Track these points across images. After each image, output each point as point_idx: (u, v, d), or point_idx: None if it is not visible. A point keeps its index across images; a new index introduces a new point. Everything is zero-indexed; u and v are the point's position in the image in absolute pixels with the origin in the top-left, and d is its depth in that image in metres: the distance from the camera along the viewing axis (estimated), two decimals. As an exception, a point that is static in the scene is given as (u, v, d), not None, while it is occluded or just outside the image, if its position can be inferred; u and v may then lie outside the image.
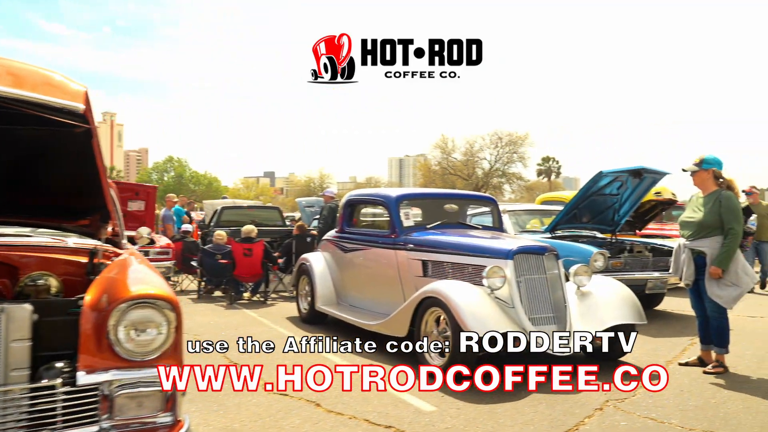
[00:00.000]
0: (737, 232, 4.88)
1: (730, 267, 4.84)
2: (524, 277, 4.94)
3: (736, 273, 4.85)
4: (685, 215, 5.22)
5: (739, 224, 4.91)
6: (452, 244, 5.57)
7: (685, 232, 5.15)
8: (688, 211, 5.22)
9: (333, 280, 7.13)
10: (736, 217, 4.91)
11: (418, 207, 6.68)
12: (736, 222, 4.89)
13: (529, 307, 4.87)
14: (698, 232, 5.01)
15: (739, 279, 4.85)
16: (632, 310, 5.13)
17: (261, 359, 5.08)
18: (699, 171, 5.08)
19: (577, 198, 8.25)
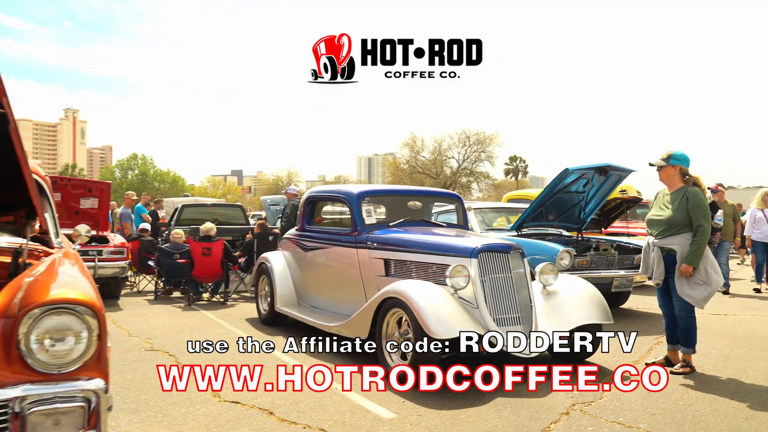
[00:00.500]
0: (706, 229, 4.79)
1: (699, 265, 4.74)
2: (489, 276, 4.77)
3: (705, 271, 4.76)
4: (652, 213, 5.11)
5: (707, 221, 4.82)
6: (415, 242, 5.37)
7: (653, 230, 5.05)
8: (654, 209, 5.11)
9: (293, 280, 6.88)
10: (705, 213, 4.82)
11: (381, 204, 6.47)
12: (705, 219, 4.80)
13: (494, 307, 4.70)
14: (667, 230, 4.91)
15: (709, 277, 4.76)
16: (599, 310, 5.00)
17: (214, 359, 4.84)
18: (666, 166, 4.98)
19: (543, 196, 8.14)
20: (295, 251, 6.87)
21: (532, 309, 4.86)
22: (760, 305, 8.61)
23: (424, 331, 4.29)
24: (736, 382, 4.67)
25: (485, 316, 4.64)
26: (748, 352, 5.72)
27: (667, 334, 5.22)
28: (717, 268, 4.89)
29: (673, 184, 5.01)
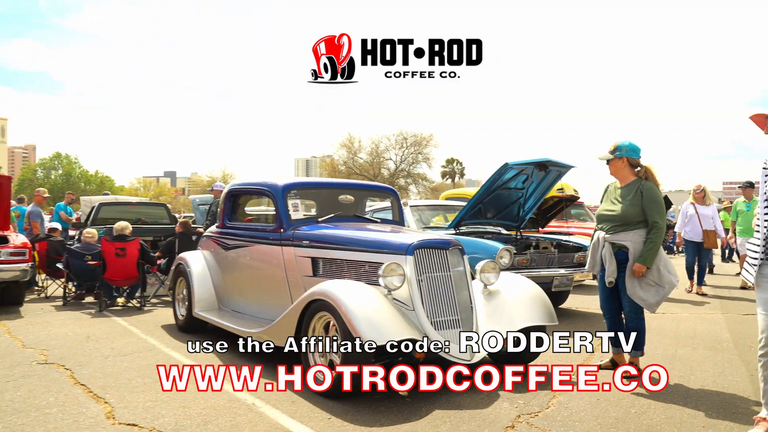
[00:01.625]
0: (661, 226, 4.49)
1: (653, 264, 4.46)
2: (426, 275, 4.33)
3: (658, 271, 4.47)
4: (603, 207, 4.78)
5: (663, 218, 4.53)
6: (345, 238, 4.87)
7: (604, 225, 4.71)
8: (606, 203, 4.78)
9: (213, 282, 6.27)
10: (660, 210, 4.53)
11: (309, 198, 5.95)
12: (660, 215, 4.51)
13: (431, 308, 4.26)
14: (619, 225, 4.59)
15: (662, 278, 4.47)
16: (543, 310, 4.64)
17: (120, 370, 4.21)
18: (613, 159, 4.66)
19: (481, 192, 7.80)
20: (216, 251, 6.26)
21: (472, 310, 4.45)
22: (695, 304, 8.55)
23: (354, 337, 3.81)
24: (686, 387, 4.39)
25: (422, 318, 4.19)
26: (692, 352, 5.50)
27: (609, 337, 4.91)
28: (671, 267, 4.60)
29: (624, 177, 4.70)
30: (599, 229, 4.77)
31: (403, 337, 3.88)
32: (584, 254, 7.85)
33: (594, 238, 4.82)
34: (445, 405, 3.88)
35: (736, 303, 8.70)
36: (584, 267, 7.45)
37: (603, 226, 4.71)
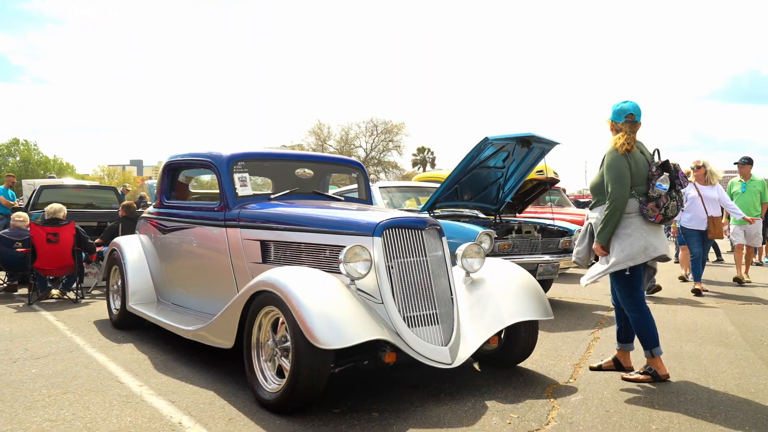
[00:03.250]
0: (615, 197, 3.81)
1: (613, 243, 3.88)
2: (397, 260, 3.55)
3: (612, 248, 3.90)
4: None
5: (619, 186, 3.80)
6: (300, 217, 4.07)
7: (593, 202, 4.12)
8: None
9: (151, 271, 5.41)
10: (614, 176, 3.83)
11: (263, 174, 5.12)
12: (614, 183, 3.82)
13: (403, 301, 3.49)
14: (594, 200, 4.08)
15: (611, 256, 3.89)
16: (537, 303, 3.91)
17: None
18: (608, 121, 4.07)
19: (458, 170, 7.04)
20: (154, 234, 5.40)
21: (453, 303, 3.69)
22: (686, 293, 7.94)
23: (307, 339, 3.02)
24: (706, 392, 3.70)
25: (392, 313, 3.42)
26: (699, 348, 4.84)
27: (617, 329, 4.23)
28: (628, 246, 3.83)
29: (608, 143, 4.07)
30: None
31: (369, 338, 3.11)
32: (570, 239, 7.18)
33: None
34: (420, 421, 3.12)
35: (727, 292, 8.12)
36: (570, 253, 6.76)
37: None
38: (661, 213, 3.83)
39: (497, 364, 4.17)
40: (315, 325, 3.03)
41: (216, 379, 3.91)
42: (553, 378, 3.95)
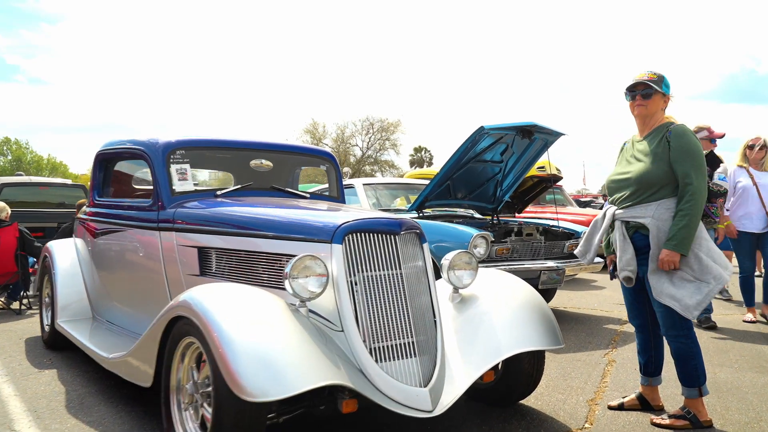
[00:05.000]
0: (700, 189, 2.96)
1: (689, 250, 2.95)
2: (363, 274, 2.72)
3: (698, 258, 2.96)
4: (615, 171, 3.27)
5: (701, 176, 2.98)
6: (243, 219, 3.23)
7: (616, 197, 3.21)
8: (621, 164, 3.27)
9: (85, 281, 4.58)
10: (696, 163, 2.99)
11: (210, 165, 4.29)
12: (697, 172, 2.97)
13: (370, 328, 2.66)
14: (636, 194, 3.08)
15: (704, 268, 2.96)
16: (544, 327, 3.07)
17: None
18: (657, 93, 3.13)
19: (450, 164, 6.21)
20: (89, 238, 4.56)
21: (436, 328, 2.87)
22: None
23: (228, 383, 2.20)
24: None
25: (355, 344, 2.60)
26: (737, 375, 4.03)
27: (640, 360, 3.40)
28: (718, 255, 3.06)
29: (652, 122, 3.18)
30: (611, 204, 3.27)
31: (317, 384, 2.28)
32: (577, 242, 6.36)
33: (600, 214, 3.33)
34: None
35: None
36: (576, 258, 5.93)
37: (615, 197, 3.22)
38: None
39: (494, 401, 3.35)
40: (242, 368, 2.20)
41: (138, 424, 3.08)
42: (564, 421, 3.14)
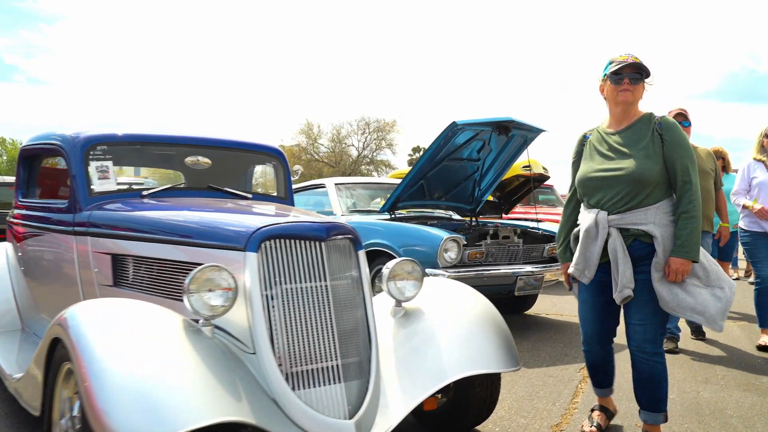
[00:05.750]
0: (697, 186, 2.65)
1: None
2: (281, 287, 2.34)
3: (702, 265, 2.64)
4: (592, 167, 2.82)
5: (696, 172, 2.68)
6: (159, 223, 2.86)
7: (598, 198, 2.78)
8: (594, 160, 2.84)
9: (14, 289, 4.19)
10: (692, 158, 2.69)
11: (140, 162, 3.91)
12: (693, 168, 2.67)
13: (288, 350, 2.29)
14: (630, 196, 2.68)
15: (711, 274, 2.64)
16: (499, 346, 2.68)
17: None
18: (642, 80, 2.76)
19: (423, 162, 5.85)
20: (15, 242, 4.19)
21: (371, 348, 2.49)
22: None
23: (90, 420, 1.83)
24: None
25: (268, 369, 2.23)
26: (722, 395, 3.65)
27: (592, 374, 3.08)
28: (712, 263, 2.73)
29: (633, 111, 2.80)
30: (591, 207, 2.81)
31: (214, 419, 1.91)
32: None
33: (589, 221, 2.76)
34: None
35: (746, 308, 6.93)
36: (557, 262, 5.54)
37: (598, 199, 2.78)
38: None
39: (444, 428, 2.97)
40: (111, 403, 1.82)
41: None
42: (522, 452, 2.76)
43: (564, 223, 3.01)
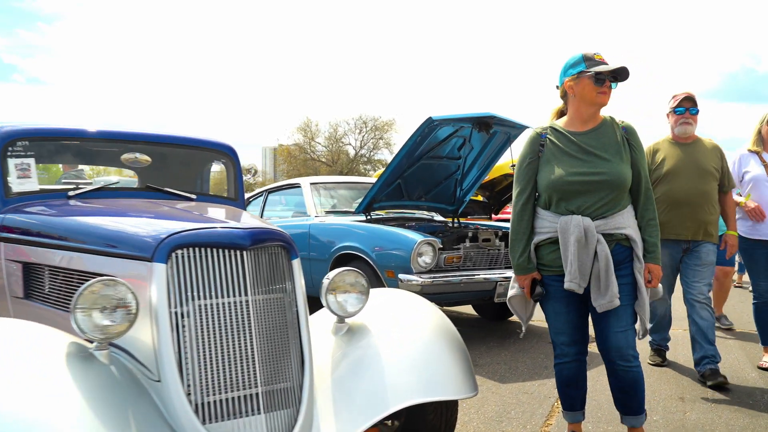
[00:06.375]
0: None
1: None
2: (195, 303, 2.02)
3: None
4: (570, 170, 2.56)
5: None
6: (72, 228, 2.53)
7: (582, 203, 2.55)
8: (565, 162, 2.58)
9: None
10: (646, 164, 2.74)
11: (70, 160, 3.59)
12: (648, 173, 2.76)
13: (200, 376, 1.97)
14: (613, 200, 2.57)
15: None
16: (454, 369, 2.35)
17: None
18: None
19: (399, 159, 5.51)
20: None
21: (304, 373, 2.17)
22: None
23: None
24: None
25: (175, 399, 1.91)
26: (712, 416, 3.32)
27: (573, 393, 2.79)
28: None
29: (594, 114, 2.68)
30: (569, 212, 2.55)
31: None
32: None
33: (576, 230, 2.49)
34: None
35: (743, 318, 6.61)
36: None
37: (580, 204, 2.55)
38: None
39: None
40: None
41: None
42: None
43: (524, 230, 2.68)
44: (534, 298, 2.69)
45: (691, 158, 3.94)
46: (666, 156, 3.99)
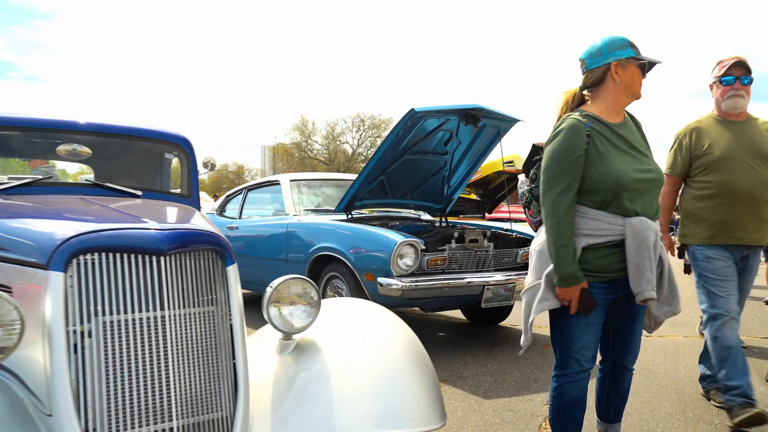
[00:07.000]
0: None
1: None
2: (99, 320, 1.67)
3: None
4: (632, 166, 2.28)
5: None
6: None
7: (644, 203, 2.30)
8: (621, 158, 2.28)
9: None
10: None
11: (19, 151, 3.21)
12: None
13: (102, 409, 1.62)
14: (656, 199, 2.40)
15: None
16: (418, 396, 2.00)
17: None
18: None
19: (381, 155, 5.16)
20: None
21: (237, 402, 1.83)
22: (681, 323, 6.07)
23: None
24: None
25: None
26: (683, 425, 2.98)
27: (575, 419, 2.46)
28: None
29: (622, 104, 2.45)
30: (634, 214, 2.25)
31: None
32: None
33: (649, 231, 2.23)
34: None
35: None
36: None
37: (644, 204, 2.30)
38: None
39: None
40: None
41: None
42: None
43: (571, 233, 2.25)
44: (586, 312, 2.28)
45: (747, 141, 3.11)
46: (715, 138, 3.15)
